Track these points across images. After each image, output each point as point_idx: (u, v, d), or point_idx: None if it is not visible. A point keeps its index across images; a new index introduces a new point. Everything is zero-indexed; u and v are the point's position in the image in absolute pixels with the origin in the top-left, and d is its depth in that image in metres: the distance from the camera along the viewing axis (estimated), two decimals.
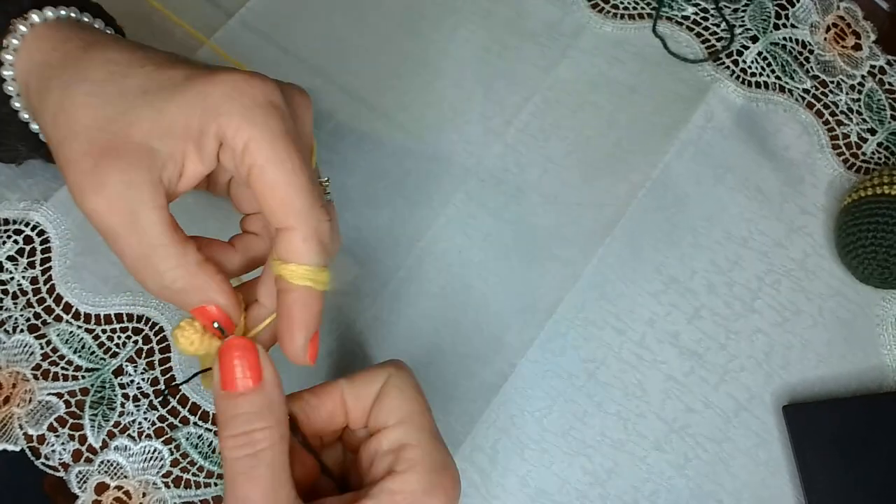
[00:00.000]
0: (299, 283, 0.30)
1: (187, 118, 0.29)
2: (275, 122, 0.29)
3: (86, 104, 0.30)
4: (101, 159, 0.28)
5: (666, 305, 0.43)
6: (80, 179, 0.29)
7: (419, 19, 0.49)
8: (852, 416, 0.41)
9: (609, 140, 0.47)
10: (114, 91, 0.30)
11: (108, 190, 0.28)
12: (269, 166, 0.29)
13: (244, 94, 0.29)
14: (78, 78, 0.30)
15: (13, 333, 0.41)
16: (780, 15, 0.50)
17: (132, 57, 0.31)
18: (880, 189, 0.41)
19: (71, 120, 0.30)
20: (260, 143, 0.29)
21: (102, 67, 0.31)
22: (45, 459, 0.39)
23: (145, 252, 0.29)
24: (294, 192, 0.29)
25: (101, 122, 0.29)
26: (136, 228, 0.28)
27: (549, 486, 0.40)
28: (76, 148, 0.29)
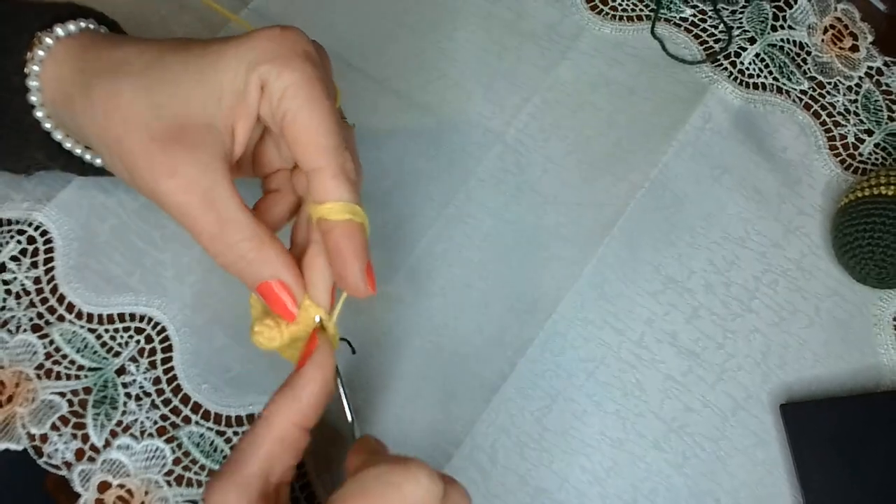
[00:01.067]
0: (339, 217, 0.31)
1: (231, 77, 0.31)
2: (310, 69, 0.31)
3: (135, 97, 0.31)
4: (166, 144, 0.30)
5: (664, 305, 0.44)
6: (150, 166, 0.30)
7: (419, 21, 0.49)
8: (849, 416, 0.41)
9: (608, 140, 0.47)
10: (156, 76, 0.31)
11: (180, 171, 0.30)
12: (302, 110, 0.31)
13: (282, 45, 0.31)
14: (119, 74, 0.32)
15: (16, 333, 0.41)
16: (778, 16, 0.50)
17: (160, 45, 0.32)
18: (877, 190, 0.42)
19: (125, 114, 0.31)
20: (298, 88, 0.31)
21: (137, 59, 0.32)
22: (47, 458, 0.39)
23: (222, 227, 0.31)
24: (323, 133, 0.31)
25: (155, 110, 0.31)
26: (213, 205, 0.30)
27: (548, 485, 0.40)
28: (137, 138, 0.30)
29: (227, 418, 0.41)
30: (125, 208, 0.43)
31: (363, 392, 0.41)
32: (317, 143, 0.31)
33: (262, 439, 0.30)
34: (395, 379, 0.42)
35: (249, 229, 0.31)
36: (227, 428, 0.40)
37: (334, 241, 0.32)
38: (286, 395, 0.31)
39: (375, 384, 0.42)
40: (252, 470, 0.30)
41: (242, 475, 0.30)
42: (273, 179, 0.37)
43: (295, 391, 0.31)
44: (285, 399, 0.31)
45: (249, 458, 0.30)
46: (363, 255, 0.32)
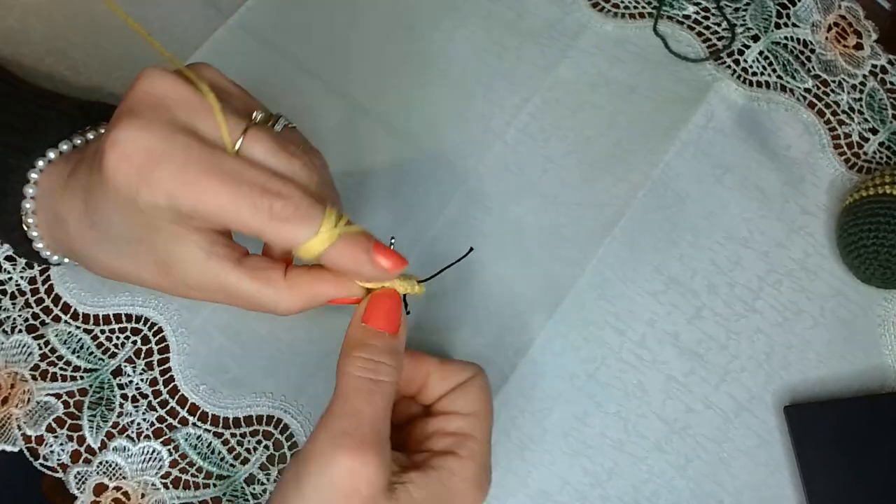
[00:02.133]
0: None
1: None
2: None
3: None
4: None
5: (666, 305, 0.43)
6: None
7: (418, 20, 0.49)
8: (853, 417, 0.41)
9: (609, 140, 0.46)
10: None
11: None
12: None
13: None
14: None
15: (11, 334, 0.41)
16: (782, 14, 0.50)
17: None
18: (882, 189, 0.41)
19: None
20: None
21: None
22: (43, 460, 0.39)
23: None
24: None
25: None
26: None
27: (549, 487, 0.40)
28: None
29: (225, 420, 0.40)
30: None
31: None
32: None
33: (387, 401, 0.31)
34: None
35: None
36: (225, 430, 0.40)
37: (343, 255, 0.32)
38: (394, 363, 0.32)
39: None
40: (386, 434, 0.31)
41: (383, 449, 0.30)
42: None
43: (399, 357, 0.32)
44: (394, 370, 0.32)
45: (383, 422, 0.31)
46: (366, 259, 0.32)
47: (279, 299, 0.32)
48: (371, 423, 0.30)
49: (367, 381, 0.31)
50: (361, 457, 0.29)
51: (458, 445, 0.33)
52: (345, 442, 0.29)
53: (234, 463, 0.40)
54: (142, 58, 0.32)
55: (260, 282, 0.31)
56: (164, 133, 0.28)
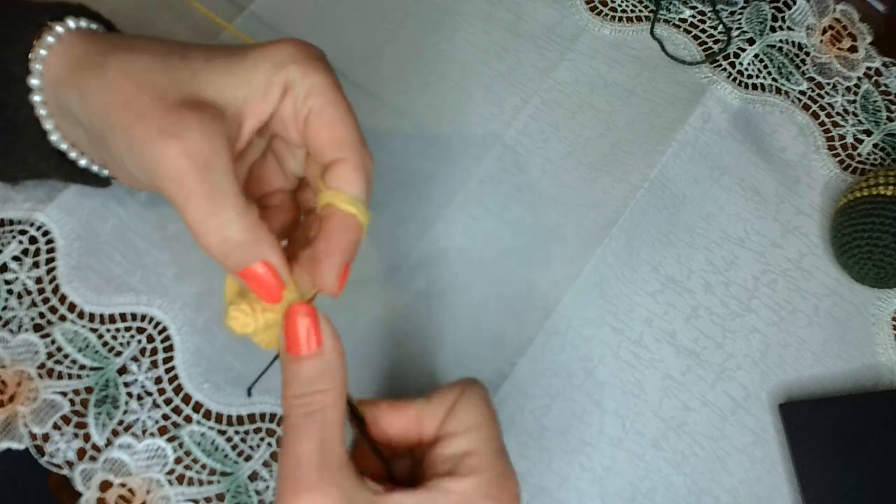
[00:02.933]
0: (347, 207, 0.32)
1: (257, 74, 0.32)
2: (332, 73, 0.33)
3: (152, 69, 0.31)
4: (176, 108, 0.30)
5: (663, 305, 0.44)
6: (155, 125, 0.29)
7: (419, 22, 0.49)
8: (848, 415, 0.41)
9: (607, 141, 0.47)
10: (178, 61, 0.31)
11: (185, 136, 0.29)
12: (328, 106, 0.32)
13: (307, 51, 0.33)
14: (137, 51, 0.32)
15: (18, 333, 0.41)
16: (777, 17, 0.50)
17: (180, 43, 0.33)
18: (876, 190, 0.42)
19: (140, 80, 0.30)
20: (324, 87, 0.32)
21: (159, 45, 0.32)
22: (49, 457, 0.39)
23: (215, 200, 0.29)
24: (349, 128, 0.32)
25: (171, 82, 0.30)
26: (209, 177, 0.29)
27: (548, 484, 0.41)
28: (147, 100, 0.30)
29: (229, 417, 0.41)
30: (126, 208, 0.44)
31: (364, 393, 0.42)
32: (342, 136, 0.32)
33: (325, 438, 0.30)
34: (396, 379, 0.42)
35: (242, 208, 0.30)
36: (229, 427, 0.41)
37: (330, 230, 0.32)
38: (325, 386, 0.30)
39: (376, 385, 0.42)
40: (336, 466, 0.30)
41: (332, 479, 0.29)
42: (272, 198, 0.36)
43: (335, 379, 0.31)
44: (326, 393, 0.30)
45: (327, 459, 0.30)
46: (350, 252, 0.32)
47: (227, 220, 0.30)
48: (312, 459, 0.29)
49: (300, 418, 0.30)
50: (308, 497, 0.29)
51: (458, 465, 0.32)
52: (287, 488, 0.29)
53: (238, 460, 0.40)
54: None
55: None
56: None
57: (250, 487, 0.40)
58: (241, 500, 0.40)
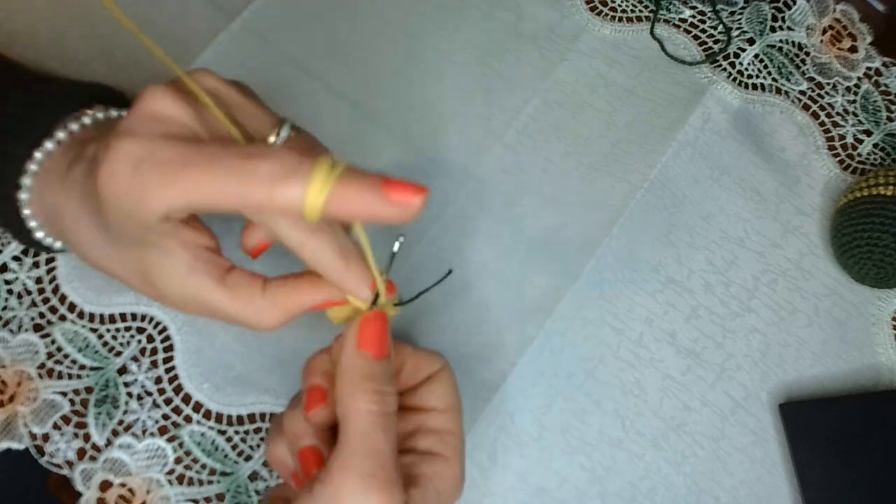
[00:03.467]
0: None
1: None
2: None
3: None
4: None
5: (663, 305, 0.44)
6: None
7: (419, 22, 0.49)
8: (848, 415, 0.41)
9: (607, 141, 0.47)
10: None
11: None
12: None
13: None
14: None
15: (18, 333, 0.41)
16: (777, 17, 0.50)
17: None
18: (876, 190, 0.42)
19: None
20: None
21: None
22: (49, 457, 0.40)
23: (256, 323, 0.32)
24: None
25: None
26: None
27: (548, 484, 0.41)
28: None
29: (229, 417, 0.41)
30: None
31: None
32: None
33: (395, 438, 0.31)
34: None
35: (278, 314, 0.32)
36: (229, 427, 0.41)
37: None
38: (394, 390, 0.31)
39: None
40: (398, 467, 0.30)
41: (400, 482, 0.30)
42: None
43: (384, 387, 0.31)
44: (395, 396, 0.31)
45: (395, 460, 0.30)
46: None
47: (260, 318, 0.32)
48: (392, 460, 0.30)
49: (381, 416, 0.30)
50: (390, 497, 0.29)
51: (442, 444, 0.33)
52: (373, 484, 0.29)
53: (238, 460, 0.40)
54: (147, 61, 0.33)
55: (239, 301, 0.31)
56: (154, 142, 0.28)
57: (250, 487, 0.40)
58: (241, 500, 0.40)
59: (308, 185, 0.26)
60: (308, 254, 0.31)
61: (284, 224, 0.30)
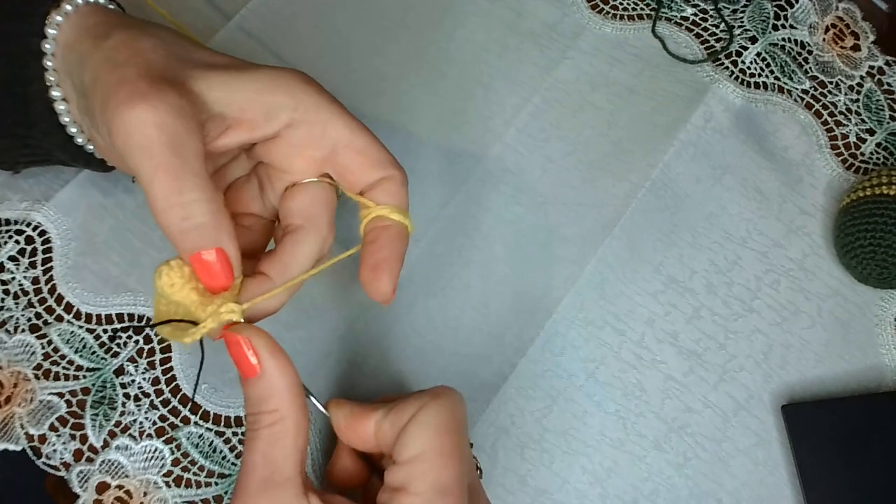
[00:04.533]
0: (401, 219, 0.34)
1: (263, 93, 0.32)
2: (339, 102, 0.34)
3: (151, 48, 0.31)
4: (159, 81, 0.29)
5: (665, 305, 0.44)
6: (132, 91, 0.29)
7: (418, 21, 0.49)
8: (851, 416, 0.41)
9: (609, 140, 0.47)
10: (181, 50, 0.32)
11: (160, 107, 0.28)
12: (355, 135, 0.33)
13: (313, 83, 0.33)
14: (144, 32, 0.32)
15: (14, 333, 0.41)
16: (779, 16, 0.50)
17: (196, 41, 0.33)
18: (879, 189, 0.42)
19: (133, 52, 0.30)
20: (342, 119, 0.33)
21: (170, 34, 0.33)
22: (46, 459, 0.39)
23: (182, 178, 0.29)
24: (381, 150, 0.34)
25: (166, 64, 0.30)
26: (179, 153, 0.29)
27: (548, 486, 0.40)
28: (132, 71, 0.29)
29: (227, 419, 0.40)
30: (123, 209, 0.43)
31: (363, 394, 0.41)
32: (379, 158, 0.34)
33: (283, 438, 0.30)
34: (394, 379, 0.42)
35: (207, 191, 0.29)
36: (226, 428, 0.40)
37: (386, 241, 0.33)
38: (269, 408, 0.30)
39: (375, 385, 0.42)
40: (290, 472, 0.30)
41: (286, 479, 0.30)
42: (244, 219, 0.36)
43: (279, 402, 0.30)
44: (272, 413, 0.30)
45: (284, 461, 0.30)
46: (402, 261, 0.34)
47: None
48: (255, 472, 0.30)
49: (250, 433, 0.30)
50: (266, 501, 0.29)
51: (391, 501, 0.30)
52: (235, 494, 0.30)
53: (236, 462, 0.40)
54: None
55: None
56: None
57: None
58: None
59: (398, 205, 0.34)
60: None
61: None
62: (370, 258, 0.33)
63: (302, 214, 0.34)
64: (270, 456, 0.30)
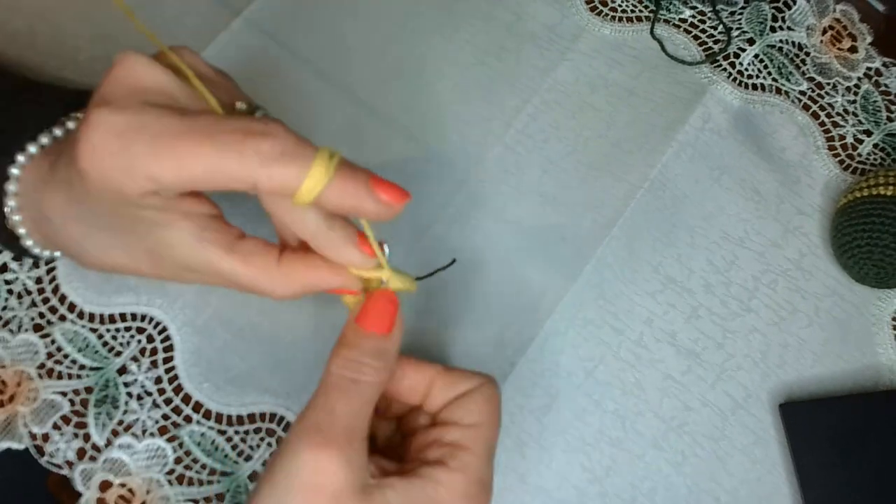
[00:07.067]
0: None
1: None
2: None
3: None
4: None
5: (664, 305, 0.44)
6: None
7: (420, 22, 0.49)
8: (848, 415, 0.41)
9: (608, 141, 0.47)
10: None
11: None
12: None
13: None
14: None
15: (18, 332, 0.41)
16: (777, 17, 0.50)
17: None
18: (876, 190, 0.42)
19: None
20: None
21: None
22: (49, 457, 0.39)
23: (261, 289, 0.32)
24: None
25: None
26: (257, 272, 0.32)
27: (548, 484, 0.41)
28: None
29: (229, 417, 0.41)
30: None
31: None
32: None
33: (368, 404, 0.31)
34: None
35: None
36: (229, 427, 0.41)
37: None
38: (379, 365, 0.31)
39: None
40: (364, 434, 0.30)
41: (359, 440, 0.30)
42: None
43: (388, 360, 0.32)
44: (378, 371, 0.31)
45: (360, 423, 0.30)
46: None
47: (274, 287, 0.32)
48: (344, 420, 0.30)
49: (347, 380, 0.31)
50: (328, 452, 0.29)
51: (450, 456, 0.32)
52: (313, 437, 0.29)
53: (238, 460, 0.40)
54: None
55: (254, 269, 0.31)
56: (135, 112, 0.26)
57: (250, 487, 0.40)
58: (240, 500, 0.40)
59: (309, 171, 0.27)
60: (291, 216, 0.31)
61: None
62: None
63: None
64: (362, 412, 0.30)
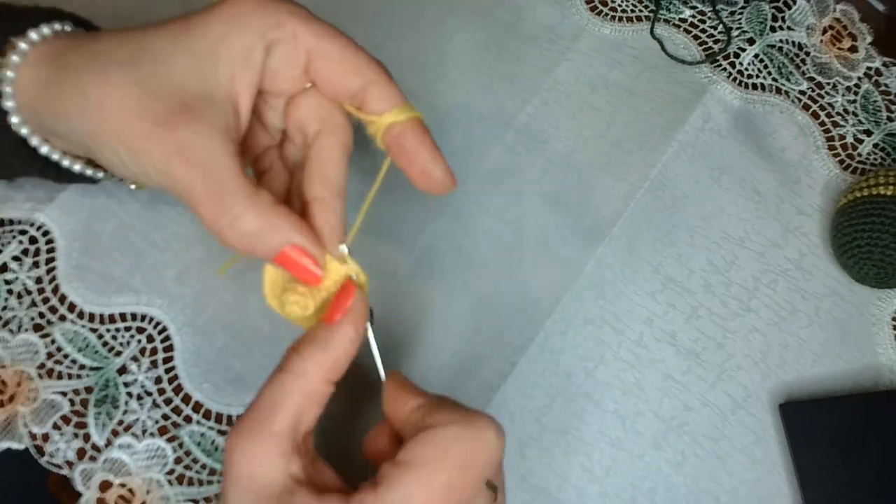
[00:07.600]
0: (409, 116, 0.33)
1: (230, 44, 0.31)
2: (305, 11, 0.32)
3: (127, 84, 0.30)
4: (171, 124, 0.29)
5: (664, 305, 0.44)
6: (161, 148, 0.29)
7: (419, 21, 0.49)
8: (848, 415, 0.41)
9: (608, 141, 0.47)
10: (145, 60, 0.31)
11: (178, 143, 0.29)
12: (327, 41, 0.32)
13: (266, 2, 0.32)
14: (107, 64, 0.31)
15: (18, 333, 0.41)
16: (777, 17, 0.50)
17: (140, 30, 0.32)
18: (876, 190, 0.42)
19: (121, 103, 0.30)
20: (309, 27, 0.32)
21: (121, 48, 0.31)
22: (49, 457, 0.39)
23: (220, 200, 0.29)
24: (357, 52, 0.32)
25: (152, 93, 0.30)
26: (211, 178, 0.29)
27: (548, 484, 0.41)
28: (139, 125, 0.29)
29: (229, 417, 0.41)
30: (126, 209, 0.44)
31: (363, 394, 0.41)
32: (356, 62, 0.32)
33: (291, 394, 0.30)
34: None
35: (248, 199, 0.30)
36: (228, 427, 0.41)
37: (411, 142, 0.33)
38: (318, 350, 0.30)
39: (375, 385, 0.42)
40: (283, 427, 0.29)
41: (273, 432, 0.29)
42: (263, 160, 0.36)
43: (329, 347, 0.30)
44: (317, 354, 0.30)
45: (278, 413, 0.29)
46: (436, 146, 0.33)
47: (235, 208, 0.30)
48: (263, 411, 0.29)
49: (276, 369, 0.30)
50: (234, 439, 0.29)
51: (381, 484, 0.28)
52: (236, 425, 0.29)
53: None
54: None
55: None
56: None
57: None
58: None
59: (396, 105, 0.32)
60: (318, 141, 0.32)
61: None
62: (411, 168, 0.33)
63: (314, 118, 0.34)
64: (271, 400, 0.30)
